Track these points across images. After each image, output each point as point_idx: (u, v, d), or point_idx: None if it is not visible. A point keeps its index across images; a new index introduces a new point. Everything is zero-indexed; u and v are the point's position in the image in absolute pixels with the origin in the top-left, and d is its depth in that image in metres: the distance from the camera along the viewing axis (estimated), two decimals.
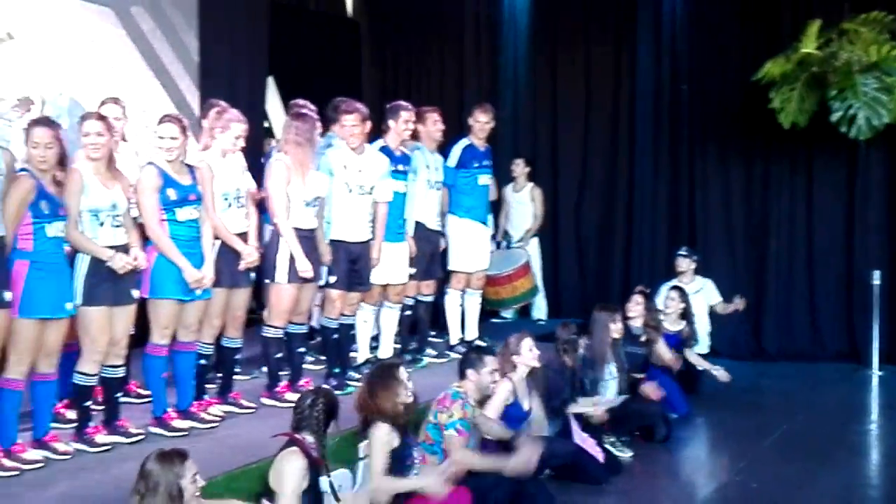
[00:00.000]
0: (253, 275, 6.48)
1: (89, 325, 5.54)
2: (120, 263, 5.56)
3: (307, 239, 6.60)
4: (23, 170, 5.30)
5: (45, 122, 5.43)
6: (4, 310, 5.10)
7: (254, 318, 7.41)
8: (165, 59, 8.78)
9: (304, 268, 6.46)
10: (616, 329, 7.38)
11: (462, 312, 8.44)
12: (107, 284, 5.55)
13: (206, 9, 9.10)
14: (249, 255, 6.30)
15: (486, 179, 8.41)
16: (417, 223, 7.82)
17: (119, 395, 5.85)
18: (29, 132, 5.36)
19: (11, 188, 5.11)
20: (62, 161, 5.38)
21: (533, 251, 10.18)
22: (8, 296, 5.10)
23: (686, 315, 8.72)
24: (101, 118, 5.72)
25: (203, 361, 6.31)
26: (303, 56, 10.57)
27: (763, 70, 9.08)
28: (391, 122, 7.45)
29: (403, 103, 7.51)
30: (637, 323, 8.07)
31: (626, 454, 7.09)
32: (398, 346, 7.91)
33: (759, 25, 10.20)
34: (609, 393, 7.28)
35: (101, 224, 5.55)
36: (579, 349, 7.15)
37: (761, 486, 6.46)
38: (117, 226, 5.61)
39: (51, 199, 5.28)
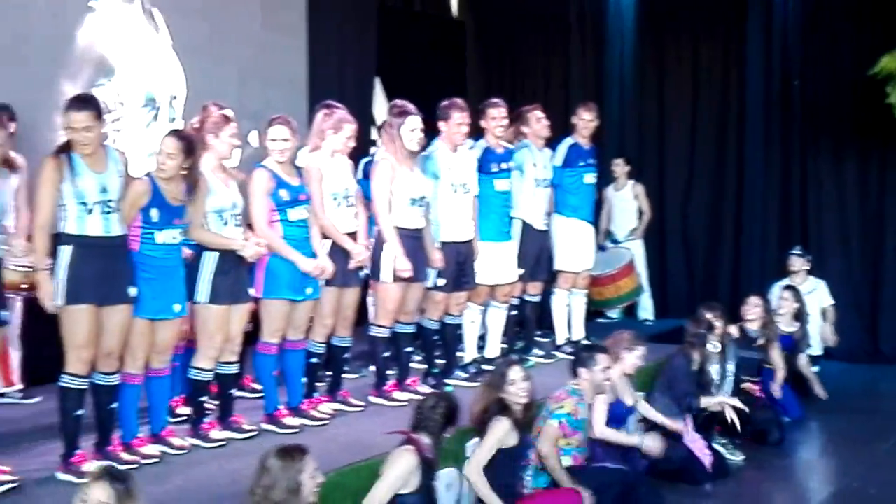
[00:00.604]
0: (363, 274, 6.53)
1: (209, 322, 5.66)
2: (251, 251, 5.69)
3: (412, 238, 6.63)
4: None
5: (176, 133, 5.56)
6: (128, 305, 5.24)
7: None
8: (274, 61, 8.93)
9: (403, 267, 6.48)
10: (720, 327, 7.29)
11: (568, 312, 8.39)
12: (228, 282, 5.66)
13: (315, 11, 9.22)
14: (359, 255, 6.36)
15: (591, 178, 8.34)
16: (524, 223, 7.80)
17: (233, 391, 5.96)
18: (161, 141, 5.50)
19: (129, 189, 5.25)
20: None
21: (637, 251, 10.07)
22: (133, 291, 5.23)
23: (800, 316, 8.52)
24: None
25: (314, 360, 6.39)
26: (408, 57, 10.63)
27: (879, 64, 8.82)
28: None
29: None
30: (754, 326, 7.92)
31: (737, 457, 6.97)
32: (505, 346, 7.89)
33: (875, 18, 9.91)
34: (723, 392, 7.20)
35: (225, 223, 5.67)
36: (708, 344, 7.05)
37: (880, 492, 6.29)
38: (238, 224, 5.74)
39: (165, 208, 5.37)
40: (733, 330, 7.52)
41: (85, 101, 5.14)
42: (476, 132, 7.52)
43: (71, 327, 5.06)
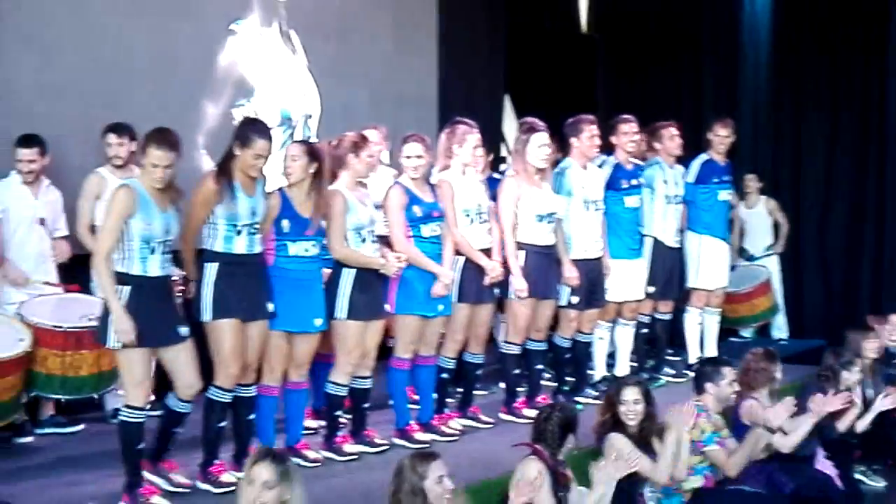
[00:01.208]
0: (497, 290, 6.57)
1: (348, 338, 5.75)
2: (393, 268, 5.78)
3: (541, 255, 6.63)
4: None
5: (299, 140, 5.71)
6: (265, 320, 5.38)
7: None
8: (406, 81, 9.05)
9: (520, 287, 6.49)
10: (872, 349, 7.07)
11: (701, 331, 8.26)
12: (366, 298, 5.75)
13: (445, 30, 9.32)
14: (493, 270, 6.37)
15: (726, 195, 8.21)
16: (655, 240, 7.72)
17: (366, 405, 6.05)
18: (286, 149, 5.65)
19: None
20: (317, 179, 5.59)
21: (773, 268, 9.85)
22: (270, 307, 5.38)
23: None
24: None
25: (445, 375, 6.44)
26: (538, 74, 10.64)
27: None
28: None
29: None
30: None
31: (878, 484, 6.74)
32: (635, 364, 7.82)
33: None
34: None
35: (363, 241, 5.77)
36: (840, 379, 6.82)
37: None
38: (374, 241, 5.85)
39: (296, 219, 5.50)
40: (873, 346, 7.24)
41: (264, 130, 5.29)
42: (606, 148, 7.48)
43: (218, 341, 5.21)
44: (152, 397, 5.27)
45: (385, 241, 6.04)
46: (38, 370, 5.89)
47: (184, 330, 5.06)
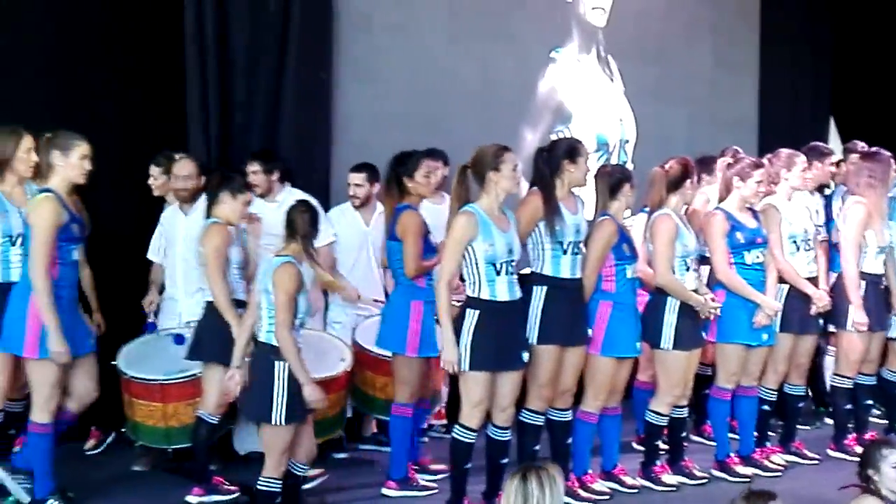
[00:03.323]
0: (822, 321, 6.27)
1: (673, 369, 5.68)
2: (706, 311, 5.67)
3: (876, 285, 6.29)
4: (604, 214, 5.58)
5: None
6: (585, 346, 5.41)
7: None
8: (724, 101, 8.85)
9: (859, 320, 6.15)
10: None
11: None
12: (690, 327, 5.65)
13: (767, 47, 9.04)
14: (820, 300, 6.11)
15: None
16: None
17: (683, 434, 5.93)
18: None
19: (596, 234, 5.42)
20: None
21: None
22: (589, 332, 5.40)
23: None
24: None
25: (766, 407, 6.21)
26: (865, 95, 10.06)
27: None
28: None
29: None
30: None
31: None
32: None
33: None
34: None
35: (688, 269, 5.67)
36: None
37: None
38: (695, 270, 5.73)
39: (630, 242, 5.54)
40: None
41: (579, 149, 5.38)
42: None
43: (539, 365, 5.26)
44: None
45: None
46: (376, 395, 6.07)
47: (525, 356, 5.14)
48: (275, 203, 6.14)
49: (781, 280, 6.05)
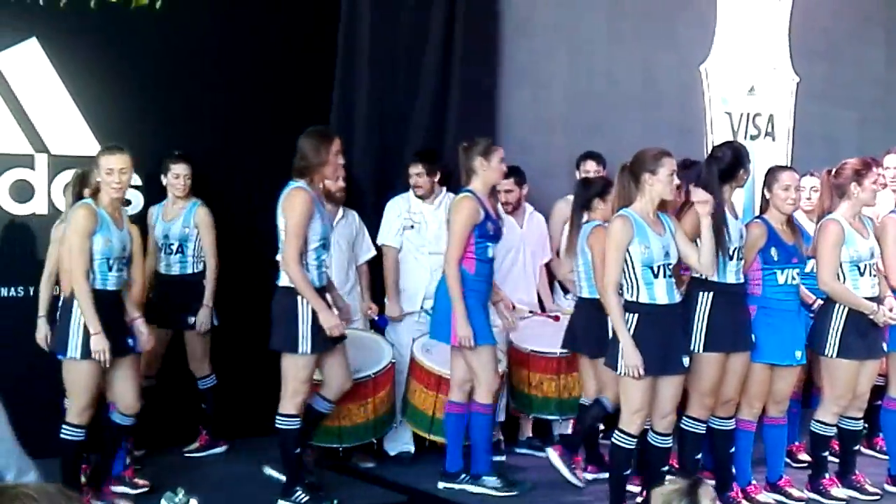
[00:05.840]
0: None
1: (838, 378, 5.45)
2: (882, 319, 5.41)
3: None
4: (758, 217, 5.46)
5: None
6: (748, 352, 5.25)
7: None
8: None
9: None
10: None
11: None
12: (860, 335, 5.40)
13: None
14: None
15: None
16: None
17: (856, 447, 5.73)
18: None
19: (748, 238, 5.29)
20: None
21: None
22: (752, 338, 5.26)
23: None
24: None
25: None
26: None
27: None
28: None
29: None
30: None
31: None
32: None
33: None
34: None
35: (862, 274, 5.44)
36: None
37: None
38: (873, 275, 5.50)
39: (783, 247, 5.33)
40: None
41: None
42: None
43: (703, 373, 5.15)
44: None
45: None
46: (532, 393, 6.13)
47: (686, 360, 5.04)
48: (432, 206, 6.23)
49: None
